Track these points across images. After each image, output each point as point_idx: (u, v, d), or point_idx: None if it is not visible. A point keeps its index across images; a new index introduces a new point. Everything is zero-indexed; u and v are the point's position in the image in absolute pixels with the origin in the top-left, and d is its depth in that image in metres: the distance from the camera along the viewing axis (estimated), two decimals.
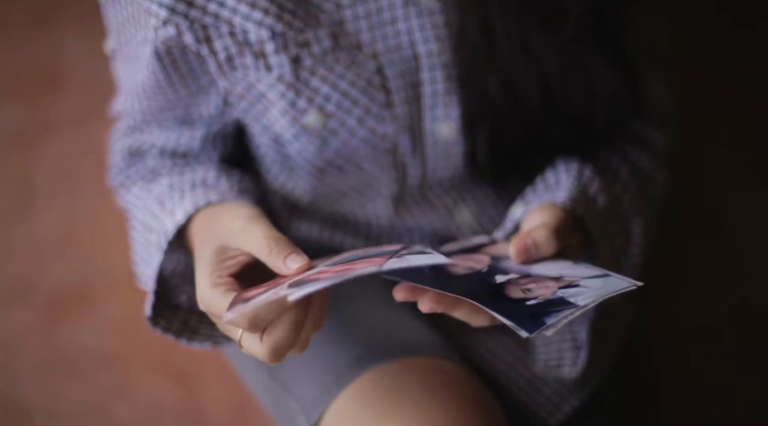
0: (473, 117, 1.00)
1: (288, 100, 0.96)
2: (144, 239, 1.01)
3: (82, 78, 1.76)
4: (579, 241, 0.92)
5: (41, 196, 1.65)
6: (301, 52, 0.94)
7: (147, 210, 1.01)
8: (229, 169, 1.04)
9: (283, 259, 0.81)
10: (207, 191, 0.96)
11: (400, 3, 0.95)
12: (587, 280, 0.81)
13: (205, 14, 0.92)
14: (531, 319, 0.75)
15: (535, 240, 0.85)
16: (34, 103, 1.74)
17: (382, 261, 0.77)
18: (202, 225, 0.93)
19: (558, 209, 0.90)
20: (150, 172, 1.05)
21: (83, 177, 1.65)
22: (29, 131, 1.71)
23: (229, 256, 0.86)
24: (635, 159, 1.07)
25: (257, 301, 0.75)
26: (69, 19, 1.83)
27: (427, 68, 0.97)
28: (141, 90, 1.01)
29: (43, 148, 1.69)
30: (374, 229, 1.09)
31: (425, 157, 1.02)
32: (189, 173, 1.02)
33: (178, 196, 0.97)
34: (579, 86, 0.99)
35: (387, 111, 0.98)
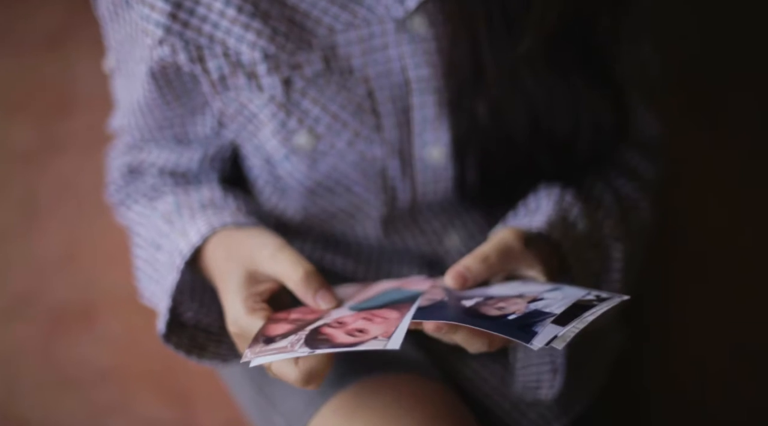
0: (462, 142, 1.02)
1: (279, 120, 0.98)
2: (149, 256, 1.03)
3: (91, 99, 1.79)
4: (557, 264, 0.93)
5: (45, 214, 1.67)
6: (293, 74, 0.96)
7: (153, 227, 1.03)
8: (231, 189, 1.06)
9: (313, 295, 0.87)
10: (218, 212, 0.99)
11: (392, 29, 0.97)
12: (546, 292, 0.84)
13: (199, 35, 0.94)
14: (523, 331, 0.78)
15: (465, 265, 0.88)
16: (43, 123, 1.76)
17: (392, 328, 0.81)
18: (222, 247, 0.95)
19: (506, 231, 0.92)
20: (152, 190, 1.07)
21: (87, 196, 1.68)
22: (37, 150, 1.73)
23: (259, 282, 0.90)
24: (620, 186, 1.08)
25: (274, 358, 0.80)
26: (80, 40, 1.86)
27: (417, 94, 1.00)
28: (138, 107, 1.03)
29: (50, 167, 1.72)
30: (365, 250, 1.11)
31: (415, 180, 1.04)
32: (194, 192, 1.04)
33: (188, 215, 0.99)
34: (565, 115, 1.01)
35: (377, 134, 1.00)
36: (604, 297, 0.82)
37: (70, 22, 1.87)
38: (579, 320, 0.79)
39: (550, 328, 0.78)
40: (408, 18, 0.97)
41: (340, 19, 0.96)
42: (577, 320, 0.79)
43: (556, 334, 0.77)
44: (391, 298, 0.89)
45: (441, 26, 0.97)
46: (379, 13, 0.96)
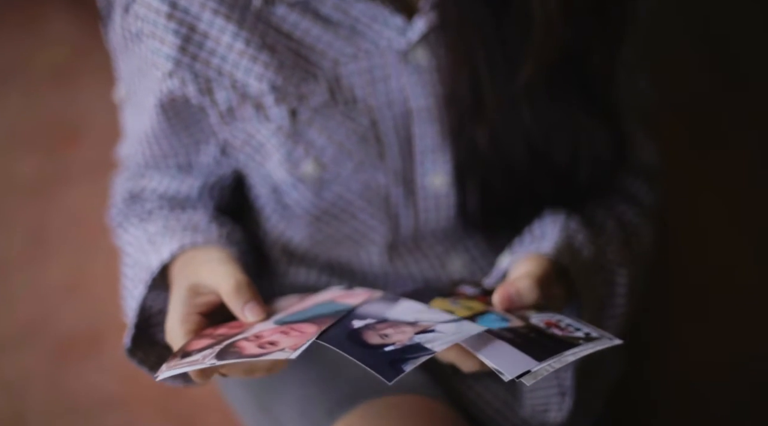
0: (463, 170, 1.04)
1: (286, 149, 1.01)
2: (134, 275, 1.05)
3: (97, 131, 1.83)
4: (563, 290, 0.96)
5: (52, 244, 1.70)
6: (299, 105, 0.99)
7: (140, 248, 1.05)
8: (221, 218, 1.08)
9: (242, 306, 0.88)
10: (195, 234, 1.01)
11: (394, 61, 1.00)
12: (442, 324, 0.82)
13: (208, 67, 0.97)
14: (390, 365, 0.76)
15: (518, 289, 0.89)
16: (51, 154, 1.80)
17: (303, 341, 0.81)
18: (180, 264, 0.97)
19: (544, 260, 0.94)
20: (147, 213, 1.10)
21: (93, 226, 1.70)
22: (45, 182, 1.76)
23: (200, 294, 0.91)
24: (622, 213, 1.11)
25: (186, 368, 0.81)
26: (86, 73, 1.90)
27: (419, 123, 1.02)
28: (145, 137, 1.06)
29: (57, 198, 1.75)
30: (369, 276, 1.13)
31: (417, 207, 1.06)
32: (184, 216, 1.06)
33: (168, 236, 1.02)
34: (564, 143, 1.03)
35: (381, 163, 1.03)
36: (594, 336, 0.81)
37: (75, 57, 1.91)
38: (557, 359, 0.78)
39: (524, 362, 0.77)
40: (410, 50, 1.00)
41: (344, 52, 0.99)
42: (555, 359, 0.78)
43: (530, 369, 0.76)
44: (320, 311, 0.88)
45: (442, 58, 1.00)
46: (382, 46, 0.99)
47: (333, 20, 0.98)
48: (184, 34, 0.96)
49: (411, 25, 0.99)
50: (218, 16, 0.95)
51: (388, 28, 0.99)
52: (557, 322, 0.85)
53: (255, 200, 1.11)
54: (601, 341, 0.80)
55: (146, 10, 0.96)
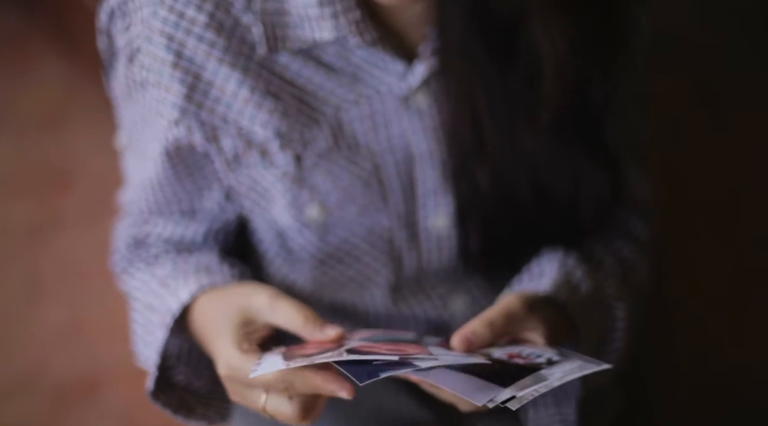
0: (465, 211, 1.06)
1: (291, 195, 1.02)
2: (145, 320, 1.06)
3: (90, 176, 1.83)
4: (562, 326, 0.97)
5: (47, 289, 1.70)
6: (304, 150, 1.00)
7: (150, 292, 1.06)
8: (230, 259, 1.09)
9: (320, 328, 0.90)
10: (211, 275, 1.02)
11: (395, 106, 1.01)
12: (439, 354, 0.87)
13: (213, 115, 0.98)
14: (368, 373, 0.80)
15: (473, 330, 0.91)
16: (44, 200, 1.80)
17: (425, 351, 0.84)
18: (212, 305, 0.98)
19: (510, 297, 0.95)
20: (153, 257, 1.11)
21: (89, 271, 1.71)
22: (39, 227, 1.77)
23: (254, 329, 0.93)
24: (619, 249, 1.12)
25: (320, 358, 0.83)
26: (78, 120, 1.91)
27: (421, 166, 1.04)
28: (149, 184, 1.07)
29: (52, 244, 1.75)
30: (372, 318, 1.14)
31: (420, 249, 1.08)
32: (192, 258, 1.07)
33: (182, 278, 1.03)
34: (565, 182, 1.04)
35: (384, 206, 1.04)
36: (555, 360, 0.85)
37: (68, 100, 1.92)
38: (544, 384, 0.81)
39: (491, 389, 0.80)
40: (411, 95, 1.01)
41: (346, 98, 1.00)
42: (541, 384, 0.81)
43: (495, 395, 0.79)
44: (386, 338, 0.92)
45: (442, 101, 1.02)
46: (383, 91, 1.01)
47: (335, 67, 0.99)
48: (190, 82, 0.97)
49: (411, 71, 1.00)
50: (223, 65, 0.97)
51: (389, 73, 1.00)
52: (518, 353, 0.89)
53: (258, 244, 1.12)
54: (586, 365, 0.83)
55: (151, 59, 0.97)
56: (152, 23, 0.96)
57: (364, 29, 0.97)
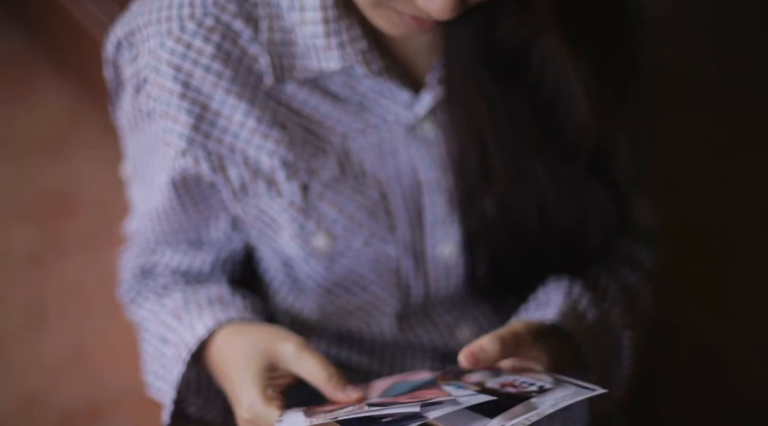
0: (472, 239, 1.06)
1: (298, 224, 1.02)
2: (156, 351, 1.05)
3: (92, 202, 1.83)
4: (568, 354, 0.97)
5: (52, 316, 1.70)
6: (310, 180, 1.01)
7: (161, 323, 1.06)
8: (240, 288, 1.09)
9: (342, 388, 0.91)
10: (226, 308, 1.02)
11: (402, 135, 1.02)
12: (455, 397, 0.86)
13: (220, 145, 0.99)
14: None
15: (481, 345, 0.90)
16: (46, 226, 1.80)
17: None
18: (233, 340, 0.98)
19: (517, 323, 0.95)
20: (162, 288, 1.11)
21: (93, 296, 1.71)
22: (41, 253, 1.77)
23: (277, 375, 0.94)
24: (624, 277, 1.12)
25: (342, 414, 0.84)
26: (79, 145, 1.91)
27: (428, 194, 1.04)
28: (155, 213, 1.07)
29: (55, 270, 1.75)
30: (379, 346, 1.14)
31: (427, 277, 1.08)
32: (202, 289, 1.07)
33: (195, 311, 1.03)
34: (572, 209, 1.05)
35: (390, 233, 1.04)
36: (547, 387, 0.84)
37: (69, 127, 1.93)
38: (535, 413, 0.80)
39: (477, 420, 0.80)
40: (417, 124, 1.02)
41: (353, 127, 1.01)
42: (532, 412, 0.80)
43: (504, 424, 0.79)
44: (406, 388, 0.92)
45: (449, 130, 1.02)
46: (390, 120, 1.01)
47: (341, 97, 1.00)
48: (197, 113, 0.97)
49: (418, 100, 1.01)
50: (230, 95, 0.97)
51: (396, 102, 1.01)
52: (512, 381, 0.89)
53: (264, 273, 1.12)
54: (581, 391, 0.83)
55: (159, 90, 0.98)
56: (160, 54, 0.97)
57: (370, 59, 0.97)
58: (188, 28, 0.96)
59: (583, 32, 0.90)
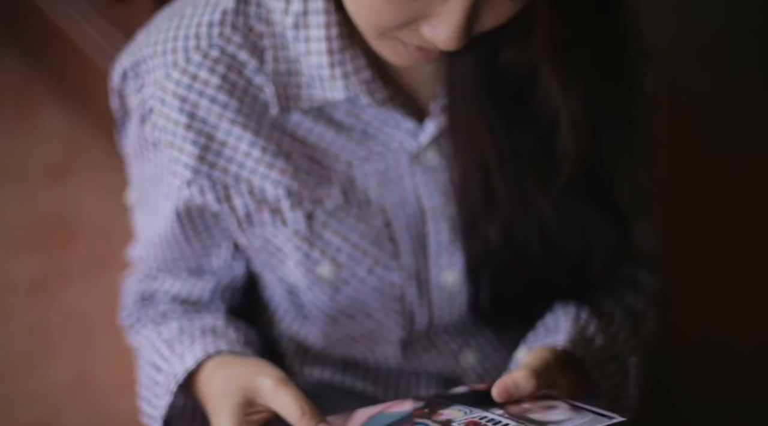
0: (476, 265, 1.07)
1: (302, 252, 1.02)
2: (150, 379, 1.06)
3: (95, 229, 1.84)
4: (579, 380, 0.97)
5: (55, 343, 1.70)
6: (315, 208, 1.01)
7: (156, 351, 1.06)
8: (235, 320, 1.10)
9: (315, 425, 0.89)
10: (216, 339, 1.02)
11: (406, 162, 1.02)
12: None
13: (226, 175, 0.99)
14: None
15: (514, 380, 0.90)
16: (49, 252, 1.80)
17: None
18: (217, 373, 0.98)
19: (544, 351, 0.95)
20: (160, 316, 1.11)
21: (96, 323, 1.71)
22: (44, 280, 1.77)
23: (254, 411, 0.93)
24: (630, 302, 1.13)
25: None
26: (82, 171, 1.91)
27: (432, 221, 1.05)
28: (158, 241, 1.08)
29: (58, 297, 1.75)
30: (383, 373, 1.14)
31: (432, 303, 1.08)
32: (198, 320, 1.08)
33: (188, 341, 1.03)
34: (576, 236, 1.05)
35: (395, 261, 1.05)
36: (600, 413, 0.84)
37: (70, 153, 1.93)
38: None
39: None
40: (421, 152, 1.02)
41: (357, 155, 1.01)
42: None
43: None
44: (383, 422, 0.91)
45: (452, 158, 1.03)
46: (394, 148, 1.02)
47: (346, 125, 1.01)
48: (203, 144, 0.98)
49: (422, 128, 1.01)
50: (235, 126, 0.98)
51: (400, 131, 1.01)
52: (480, 419, 0.88)
53: (269, 301, 1.13)
54: (599, 419, 0.83)
55: (164, 120, 0.98)
56: (165, 85, 0.98)
57: (374, 89, 0.98)
58: (194, 60, 0.97)
59: (580, 62, 0.91)
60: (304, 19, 0.96)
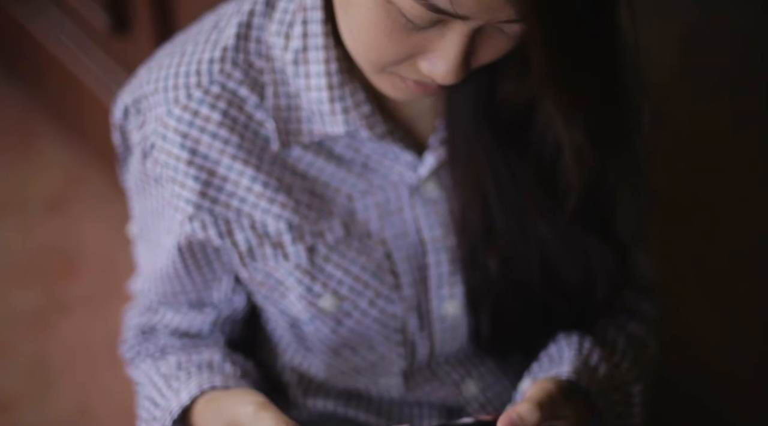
0: (476, 296, 1.07)
1: (304, 286, 1.03)
2: (149, 414, 1.06)
3: (95, 261, 1.84)
4: (584, 411, 0.98)
5: (56, 375, 1.70)
6: (316, 242, 1.02)
7: (154, 386, 1.06)
8: (233, 354, 1.10)
9: None
10: (212, 375, 1.03)
11: (406, 194, 1.03)
12: None
13: (228, 209, 1.00)
14: None
15: (519, 413, 0.90)
16: (49, 285, 1.80)
17: None
18: (208, 408, 0.99)
19: (549, 382, 0.96)
20: (159, 351, 1.12)
21: (97, 356, 1.71)
22: (45, 313, 1.77)
23: None
24: (632, 330, 1.13)
25: None
26: (82, 203, 1.92)
27: (432, 252, 1.05)
28: (159, 275, 1.08)
29: (58, 329, 1.75)
30: (385, 403, 1.15)
31: (433, 334, 1.09)
32: (196, 354, 1.08)
33: (184, 377, 1.04)
34: (577, 266, 1.06)
35: (396, 293, 1.05)
36: None
37: (70, 185, 1.94)
38: None
39: None
40: (421, 185, 1.03)
41: (357, 188, 1.02)
42: None
43: None
44: None
45: (451, 190, 1.04)
46: (393, 180, 1.03)
47: (346, 158, 1.01)
48: (204, 179, 0.99)
49: (421, 161, 1.02)
50: (237, 161, 0.98)
51: (399, 164, 1.02)
52: None
53: (271, 333, 1.13)
54: None
55: (166, 156, 0.99)
56: (167, 121, 0.99)
57: (374, 123, 0.99)
58: (195, 96, 0.98)
59: (580, 92, 0.92)
60: (304, 55, 0.97)
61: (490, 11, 0.80)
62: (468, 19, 0.81)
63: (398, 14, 0.83)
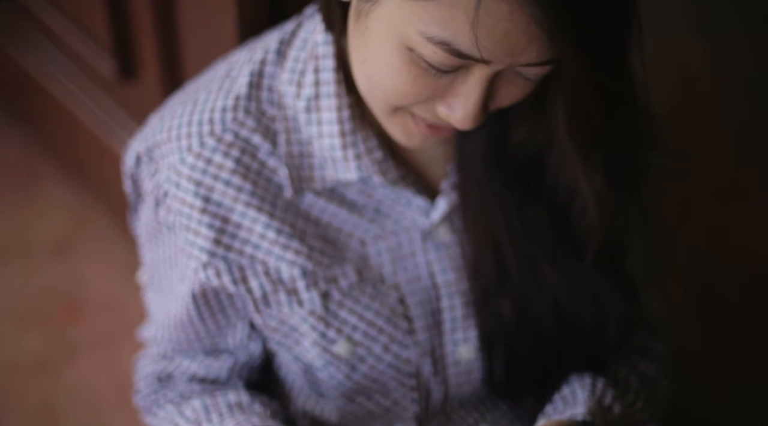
0: (490, 339, 1.07)
1: (318, 331, 1.03)
2: None
3: (100, 303, 1.83)
4: None
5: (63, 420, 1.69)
6: (330, 288, 1.02)
7: None
8: (258, 394, 1.10)
9: None
10: (247, 415, 1.02)
11: (418, 238, 1.04)
12: None
13: (241, 256, 1.00)
14: None
15: None
16: (55, 329, 1.80)
17: None
18: None
19: (564, 424, 0.96)
20: (179, 397, 1.11)
21: (104, 401, 1.70)
22: (51, 357, 1.76)
23: None
24: (644, 370, 1.13)
25: None
26: (87, 246, 1.92)
27: (446, 296, 1.05)
28: (173, 323, 1.08)
29: (65, 373, 1.74)
30: None
31: (447, 379, 1.08)
32: (221, 396, 1.08)
33: (217, 419, 1.03)
34: (589, 306, 1.06)
35: (410, 337, 1.05)
36: None
37: (75, 229, 1.93)
38: None
39: None
40: (433, 229, 1.03)
41: (370, 233, 1.02)
42: None
43: None
44: None
45: (464, 234, 1.04)
46: (406, 225, 1.03)
47: (358, 204, 1.02)
48: (218, 227, 0.99)
49: (434, 206, 1.03)
50: (250, 208, 0.99)
51: (411, 209, 1.02)
52: None
53: (285, 378, 1.13)
54: None
55: (180, 204, 0.99)
56: (180, 169, 0.99)
57: (386, 169, 0.99)
58: (208, 144, 0.98)
59: (595, 141, 0.92)
60: (316, 102, 0.97)
61: (513, 54, 0.80)
62: (490, 63, 0.82)
63: (421, 60, 0.83)
